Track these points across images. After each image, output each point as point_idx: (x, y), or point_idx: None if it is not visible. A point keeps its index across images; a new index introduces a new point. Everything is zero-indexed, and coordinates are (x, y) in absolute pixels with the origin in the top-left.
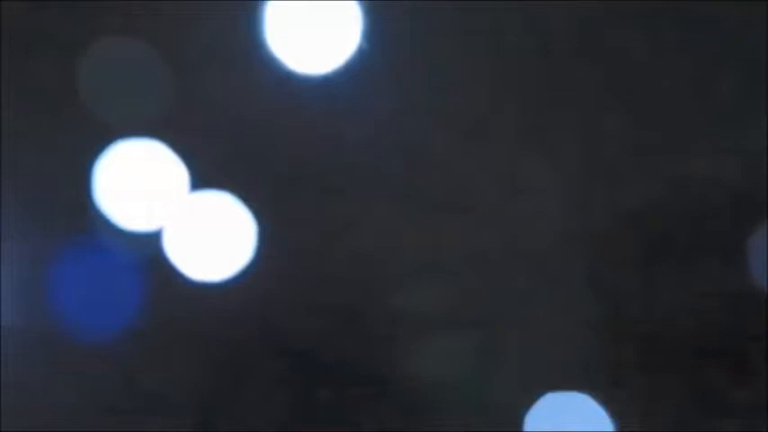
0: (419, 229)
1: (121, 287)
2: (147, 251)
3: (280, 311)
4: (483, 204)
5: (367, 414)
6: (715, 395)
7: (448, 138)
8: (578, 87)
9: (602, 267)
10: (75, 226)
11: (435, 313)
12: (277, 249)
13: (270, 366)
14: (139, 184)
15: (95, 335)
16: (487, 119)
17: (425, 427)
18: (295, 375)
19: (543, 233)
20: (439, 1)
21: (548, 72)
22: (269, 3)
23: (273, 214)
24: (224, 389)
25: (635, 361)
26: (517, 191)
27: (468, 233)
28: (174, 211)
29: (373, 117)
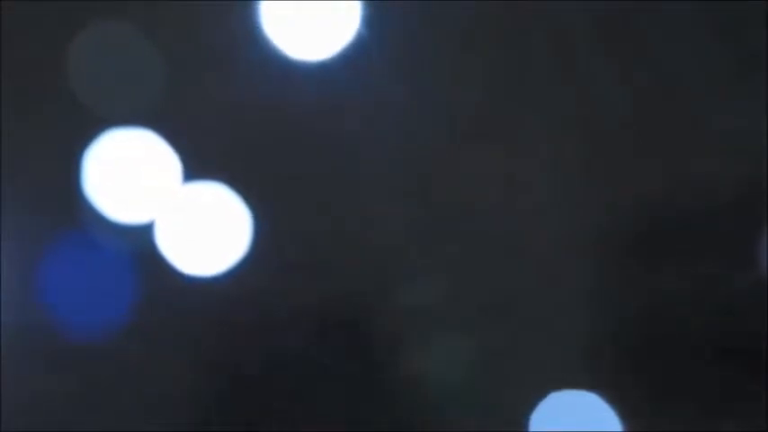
0: (420, 223)
1: (112, 281)
2: (138, 244)
3: (276, 308)
4: (483, 200)
5: (367, 414)
6: (718, 395)
7: (448, 127)
8: (580, 85)
9: (604, 266)
10: (65, 218)
11: (437, 312)
12: (273, 243)
13: (266, 364)
14: (131, 175)
15: (84, 331)
16: (488, 106)
17: (428, 428)
18: (292, 374)
19: (544, 233)
20: None
21: (550, 69)
22: None
23: (269, 206)
24: (219, 387)
25: (635, 360)
26: (517, 190)
27: (469, 230)
28: (167, 203)
29: (372, 106)
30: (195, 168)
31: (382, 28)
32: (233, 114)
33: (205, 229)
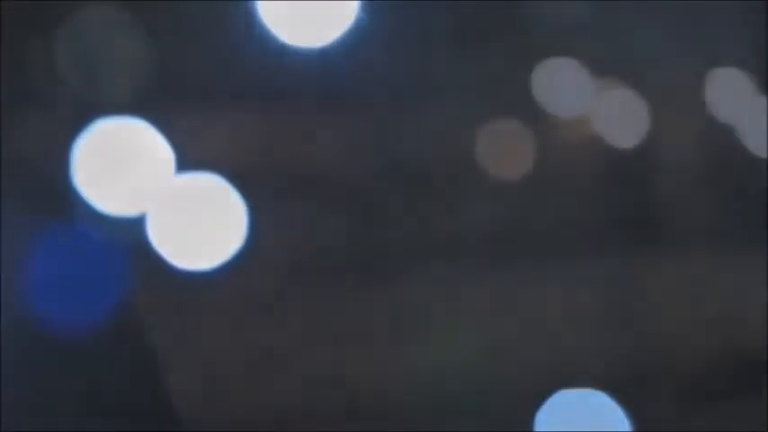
0: (420, 222)
1: (101, 277)
2: (129, 238)
3: (273, 304)
4: (483, 199)
5: (366, 414)
6: (718, 394)
7: (448, 115)
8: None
9: (604, 266)
10: (53, 210)
11: (437, 311)
12: (269, 237)
13: (262, 363)
14: (122, 166)
15: (74, 329)
16: (487, 96)
17: (433, 428)
18: (290, 373)
19: (548, 231)
20: None
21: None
22: None
23: (266, 199)
24: (215, 387)
25: (635, 360)
26: (517, 189)
27: (468, 228)
28: (159, 195)
29: (371, 96)
30: (189, 158)
31: (381, 28)
32: (229, 101)
33: (199, 222)
